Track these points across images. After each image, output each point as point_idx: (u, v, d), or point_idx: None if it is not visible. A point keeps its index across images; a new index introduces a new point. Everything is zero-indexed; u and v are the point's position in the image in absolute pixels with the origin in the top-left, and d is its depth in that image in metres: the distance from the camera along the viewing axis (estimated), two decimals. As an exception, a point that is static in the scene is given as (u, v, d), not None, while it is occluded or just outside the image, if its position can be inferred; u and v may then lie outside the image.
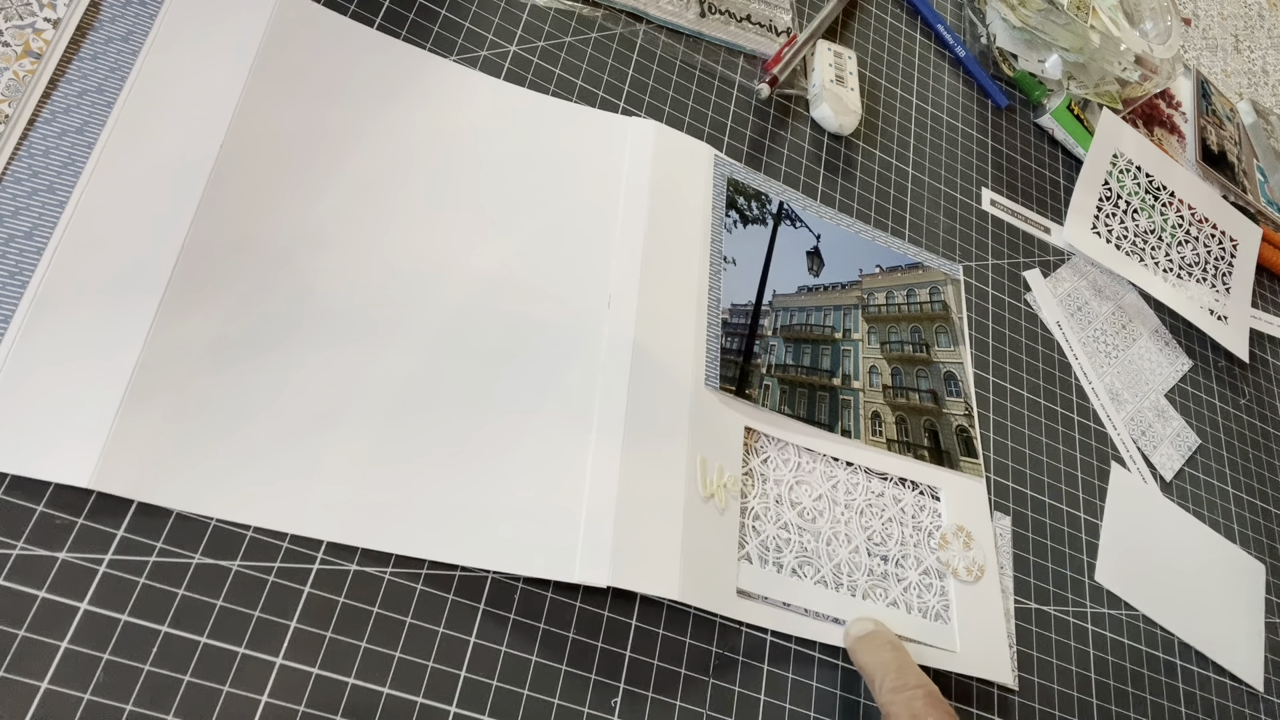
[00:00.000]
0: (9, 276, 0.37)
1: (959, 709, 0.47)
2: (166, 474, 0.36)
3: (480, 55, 0.52)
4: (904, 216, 0.62)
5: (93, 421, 0.36)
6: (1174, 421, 0.65)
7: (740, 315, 0.51)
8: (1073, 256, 0.68)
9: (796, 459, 0.49)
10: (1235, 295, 0.72)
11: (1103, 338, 0.65)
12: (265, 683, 0.35)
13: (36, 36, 0.41)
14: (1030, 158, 0.71)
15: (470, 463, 0.42)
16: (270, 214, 0.43)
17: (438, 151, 0.48)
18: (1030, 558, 0.53)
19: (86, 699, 0.33)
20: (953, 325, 0.58)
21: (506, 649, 0.39)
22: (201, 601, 0.35)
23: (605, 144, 0.52)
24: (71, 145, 0.40)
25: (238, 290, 0.41)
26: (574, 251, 0.49)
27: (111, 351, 0.37)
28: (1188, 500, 0.62)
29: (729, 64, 0.60)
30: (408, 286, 0.44)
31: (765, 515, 0.46)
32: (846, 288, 0.56)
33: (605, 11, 0.57)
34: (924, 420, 0.54)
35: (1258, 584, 0.62)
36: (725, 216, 0.54)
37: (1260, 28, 1.04)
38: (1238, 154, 0.82)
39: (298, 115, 0.45)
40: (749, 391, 0.49)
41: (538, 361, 0.45)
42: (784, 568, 0.46)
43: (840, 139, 0.62)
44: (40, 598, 0.33)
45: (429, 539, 0.39)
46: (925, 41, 0.71)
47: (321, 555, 0.38)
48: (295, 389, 0.40)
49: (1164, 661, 0.55)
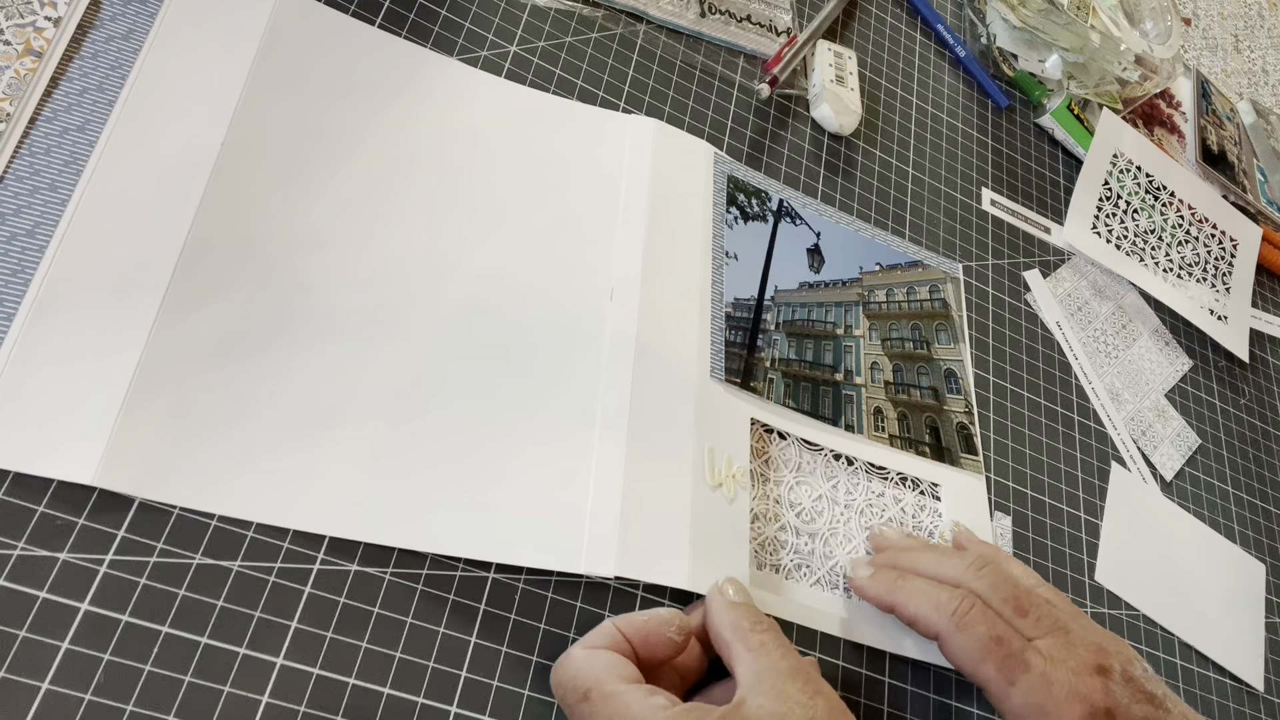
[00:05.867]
0: (12, 274, 0.37)
1: (959, 709, 0.47)
2: (170, 471, 0.36)
3: (480, 55, 0.52)
4: (904, 216, 0.62)
5: (96, 419, 0.36)
6: (1174, 421, 0.65)
7: (743, 309, 0.51)
8: (1073, 256, 0.68)
9: (798, 459, 0.49)
10: (1235, 295, 0.72)
11: (1103, 338, 0.65)
12: (266, 683, 0.35)
13: (37, 35, 0.41)
14: (1030, 158, 0.71)
15: (474, 457, 0.42)
16: (272, 212, 0.43)
17: (439, 149, 0.48)
18: (1030, 558, 0.53)
19: (87, 699, 0.33)
20: (952, 323, 0.59)
21: (507, 649, 0.39)
22: (202, 602, 0.35)
23: (606, 141, 0.52)
24: (73, 143, 0.40)
25: (240, 287, 0.41)
26: (575, 247, 0.49)
27: (114, 349, 0.37)
28: (1188, 500, 0.62)
29: (729, 64, 0.60)
30: (409, 284, 0.44)
31: (764, 517, 0.46)
32: (847, 285, 0.56)
33: (605, 11, 0.57)
34: (925, 417, 0.54)
35: (1258, 584, 0.62)
36: (726, 213, 0.54)
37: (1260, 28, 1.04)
38: (1238, 154, 0.82)
39: (298, 113, 0.45)
40: (754, 384, 0.49)
41: (540, 356, 0.45)
42: (781, 569, 0.46)
43: (840, 139, 0.62)
44: (41, 598, 0.33)
45: (432, 533, 0.39)
46: (925, 41, 0.71)
47: (322, 555, 0.38)
48: (298, 385, 0.40)
49: (1164, 661, 0.55)
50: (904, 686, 0.46)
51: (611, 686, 0.35)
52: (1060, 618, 0.42)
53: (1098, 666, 0.40)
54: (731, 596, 0.41)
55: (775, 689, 0.36)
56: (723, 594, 0.41)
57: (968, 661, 0.42)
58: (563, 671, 0.37)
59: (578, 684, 0.36)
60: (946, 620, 0.42)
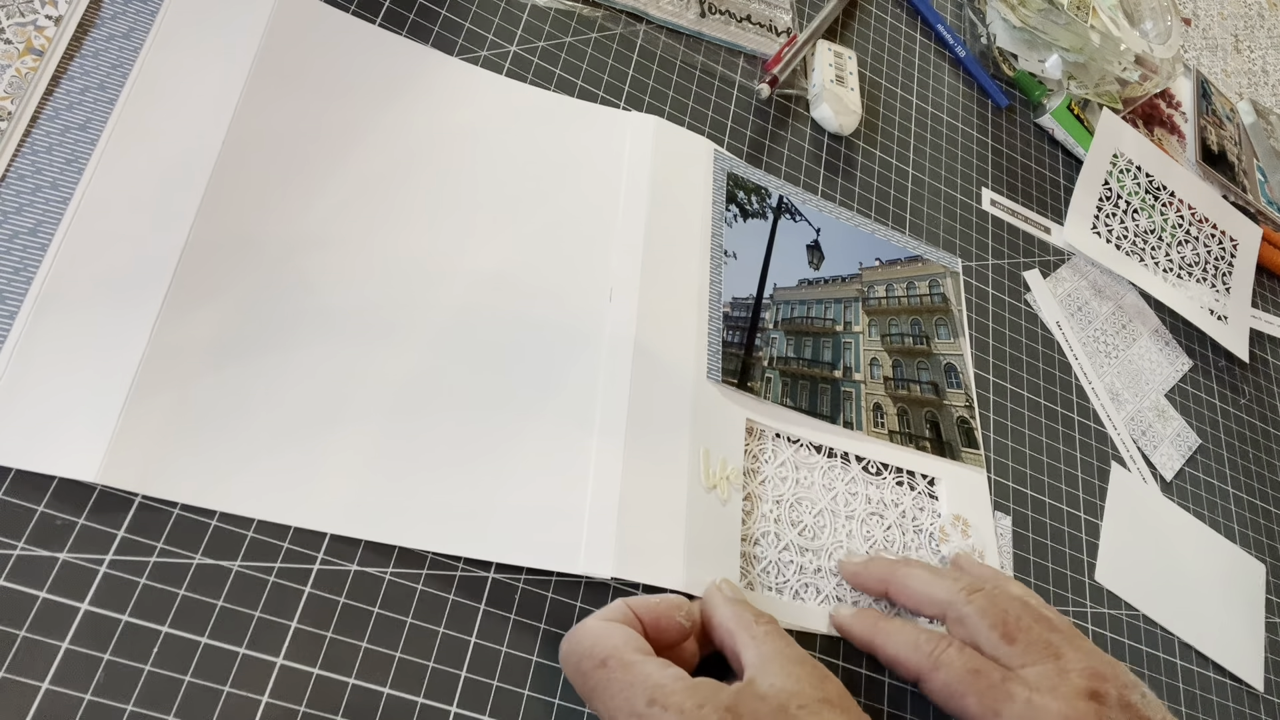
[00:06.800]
0: (14, 273, 0.37)
1: (959, 709, 0.47)
2: (172, 468, 0.36)
3: (480, 55, 0.52)
4: (904, 216, 0.62)
5: (98, 416, 0.36)
6: (1174, 421, 0.65)
7: (741, 309, 0.51)
8: (1073, 256, 0.68)
9: (794, 475, 0.49)
10: (1235, 295, 0.72)
11: (1103, 338, 0.65)
12: (266, 683, 0.35)
13: (38, 33, 0.41)
14: (1030, 158, 0.71)
15: (474, 457, 0.42)
16: (273, 210, 0.43)
17: (439, 148, 0.48)
18: (1030, 558, 0.53)
19: (87, 699, 0.33)
20: (952, 317, 0.59)
21: (507, 649, 0.39)
22: (202, 602, 0.35)
23: (605, 139, 0.52)
24: (74, 142, 0.40)
25: (241, 286, 0.41)
26: (575, 246, 0.49)
27: (116, 347, 0.37)
28: (1188, 500, 0.62)
29: (729, 64, 0.60)
30: (410, 283, 0.44)
31: (765, 540, 0.46)
32: (847, 281, 0.56)
33: (605, 11, 0.57)
34: (925, 412, 0.54)
35: (1258, 584, 0.62)
36: (725, 211, 0.54)
37: (1260, 28, 1.04)
38: (1238, 154, 0.83)
39: (299, 112, 0.45)
40: (751, 384, 0.49)
41: (540, 356, 0.45)
42: (785, 592, 0.45)
43: (840, 139, 0.62)
44: (41, 598, 0.33)
45: (432, 531, 0.39)
46: (925, 41, 0.71)
47: (322, 555, 0.38)
48: (299, 384, 0.40)
49: (1164, 661, 0.55)
50: (904, 687, 0.46)
51: (630, 656, 0.36)
52: (1054, 642, 0.41)
53: (1091, 692, 0.39)
54: (729, 594, 0.41)
55: (784, 670, 0.36)
56: (721, 591, 0.41)
57: (949, 699, 0.41)
58: (577, 640, 0.38)
59: (596, 651, 0.36)
60: (924, 659, 0.41)
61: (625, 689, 0.35)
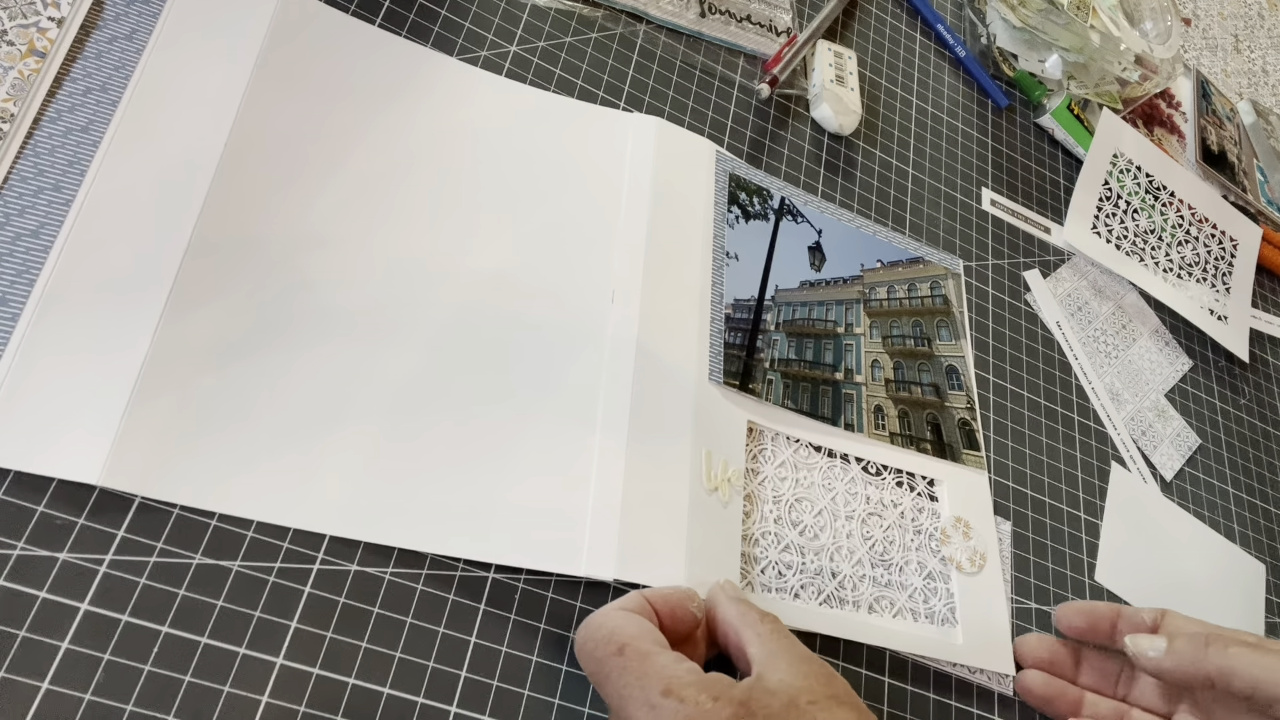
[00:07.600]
0: (17, 275, 0.37)
1: (960, 709, 0.47)
2: (173, 470, 0.36)
3: (480, 55, 0.52)
4: (904, 216, 0.62)
5: (100, 418, 0.36)
6: (1174, 421, 0.65)
7: (743, 310, 0.51)
8: (1073, 256, 0.68)
9: (794, 475, 0.49)
10: (1235, 295, 0.72)
11: (1103, 338, 0.65)
12: (266, 683, 0.35)
13: (41, 35, 0.41)
14: (1030, 158, 0.71)
15: (475, 458, 0.42)
16: (274, 212, 0.43)
17: (440, 148, 0.48)
18: (1030, 558, 0.54)
19: (87, 699, 0.33)
20: (954, 319, 0.59)
21: (507, 649, 0.39)
22: (202, 602, 0.35)
23: (607, 140, 0.52)
24: (77, 144, 0.40)
25: (243, 287, 0.41)
26: (576, 248, 0.49)
27: (118, 348, 0.37)
28: (1188, 500, 0.62)
29: (729, 64, 0.60)
30: (411, 283, 0.44)
31: (765, 540, 0.46)
32: (848, 282, 0.56)
33: (605, 11, 0.57)
34: (926, 414, 0.54)
35: (1258, 584, 0.62)
36: (727, 212, 0.54)
37: (1260, 28, 1.04)
38: (1238, 154, 0.83)
39: (301, 113, 0.45)
40: (752, 386, 0.49)
41: (541, 357, 0.45)
42: (787, 592, 0.45)
43: (840, 139, 0.62)
44: (40, 598, 0.33)
45: (433, 532, 0.39)
46: (925, 41, 0.71)
47: (322, 555, 0.38)
48: (300, 385, 0.40)
49: (1164, 661, 0.55)
50: (904, 686, 0.46)
51: (647, 646, 0.36)
52: None
53: None
54: (732, 594, 0.41)
55: (792, 667, 0.37)
56: (724, 591, 0.41)
57: None
58: (596, 625, 0.38)
59: (614, 639, 0.37)
60: None
61: (641, 678, 0.35)
